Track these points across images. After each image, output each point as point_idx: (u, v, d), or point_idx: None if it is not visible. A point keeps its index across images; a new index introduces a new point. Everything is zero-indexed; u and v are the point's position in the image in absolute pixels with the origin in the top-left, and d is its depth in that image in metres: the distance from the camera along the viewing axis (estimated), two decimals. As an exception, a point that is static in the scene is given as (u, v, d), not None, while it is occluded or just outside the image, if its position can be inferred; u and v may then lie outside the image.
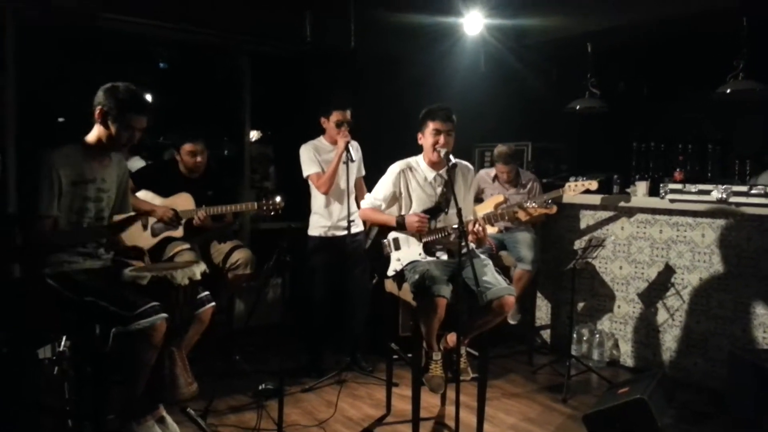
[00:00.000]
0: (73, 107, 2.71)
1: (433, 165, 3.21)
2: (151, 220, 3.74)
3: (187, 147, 3.83)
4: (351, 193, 3.87)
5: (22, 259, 2.68)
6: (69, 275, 2.55)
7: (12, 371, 3.12)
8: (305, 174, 3.92)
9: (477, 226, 3.02)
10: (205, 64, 5.64)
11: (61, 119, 4.99)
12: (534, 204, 3.12)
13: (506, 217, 3.19)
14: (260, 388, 3.52)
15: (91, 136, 2.65)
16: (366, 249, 3.30)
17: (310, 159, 3.90)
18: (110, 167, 2.74)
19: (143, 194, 3.78)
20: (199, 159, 3.85)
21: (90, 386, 2.68)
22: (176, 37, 4.63)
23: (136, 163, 5.06)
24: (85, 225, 2.65)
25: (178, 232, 3.75)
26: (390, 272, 3.19)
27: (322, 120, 3.93)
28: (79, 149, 2.63)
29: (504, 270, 4.10)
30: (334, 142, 3.87)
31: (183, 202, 3.77)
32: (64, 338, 3.13)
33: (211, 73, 5.60)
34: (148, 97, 6.59)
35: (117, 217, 2.81)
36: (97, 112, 2.59)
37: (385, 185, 3.27)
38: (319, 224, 3.96)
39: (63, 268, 2.58)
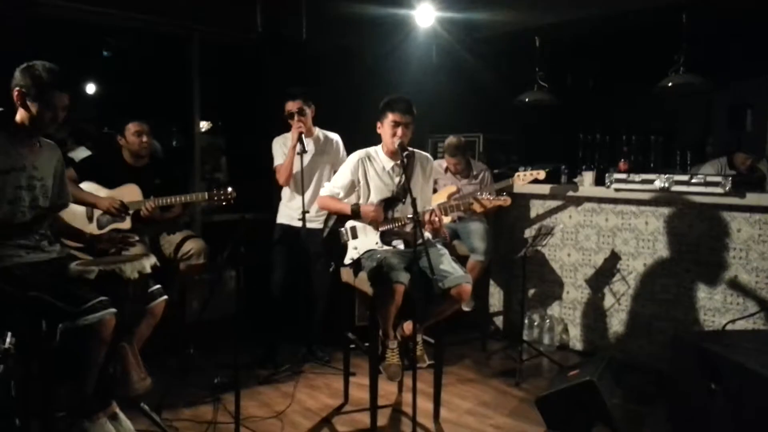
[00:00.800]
0: (9, 96, 2.58)
1: (392, 155, 3.23)
2: (97, 212, 3.63)
3: (132, 127, 3.71)
4: (304, 184, 3.85)
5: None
6: (10, 270, 2.45)
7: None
8: (274, 165, 3.94)
9: (433, 216, 3.06)
10: (154, 53, 5.49)
11: (1, 109, 4.78)
12: (489, 196, 3.18)
13: (461, 209, 3.24)
14: (215, 381, 3.48)
15: (17, 120, 2.53)
16: (323, 237, 3.30)
17: (279, 151, 3.94)
18: (41, 153, 2.63)
19: (87, 186, 3.66)
20: (144, 139, 3.73)
21: (37, 384, 2.59)
22: (123, 25, 4.48)
23: (82, 153, 4.89)
24: (19, 215, 2.54)
25: (126, 224, 3.64)
26: (347, 260, 3.20)
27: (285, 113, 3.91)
28: (5, 136, 2.51)
29: (458, 259, 4.15)
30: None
31: (129, 193, 3.67)
32: (8, 335, 3.01)
33: (159, 62, 5.46)
34: (90, 87, 6.43)
35: None
36: (15, 94, 2.48)
37: (343, 174, 3.27)
38: (281, 213, 4.02)
39: (4, 262, 2.47)
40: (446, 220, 3.20)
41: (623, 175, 4.13)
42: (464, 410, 3.39)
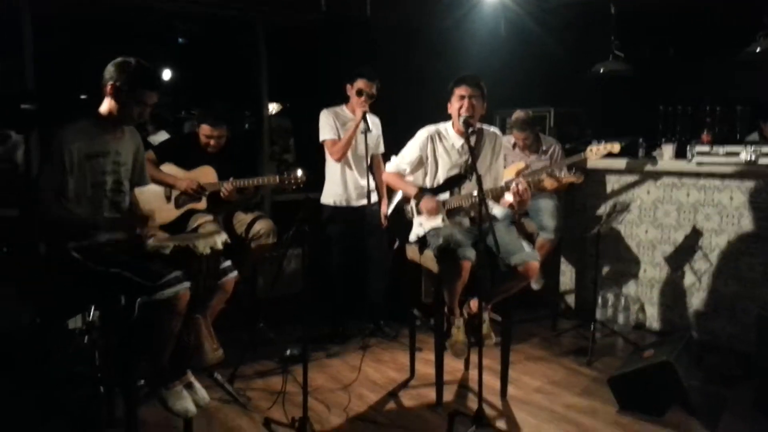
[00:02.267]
0: (93, 85, 2.71)
1: (461, 133, 3.18)
2: (175, 192, 3.78)
3: (205, 129, 3.82)
4: (367, 163, 3.86)
5: (42, 232, 2.71)
6: (93, 247, 2.59)
7: (44, 342, 3.21)
8: (321, 138, 3.93)
9: (519, 186, 2.94)
10: (222, 38, 5.62)
11: (83, 96, 5.03)
12: (561, 172, 3.07)
13: (532, 186, 3.13)
14: (286, 353, 3.57)
15: (103, 110, 2.65)
16: (388, 214, 3.30)
17: (329, 124, 3.90)
18: (123, 139, 2.75)
19: (166, 167, 3.81)
20: (213, 143, 3.82)
21: (118, 355, 2.75)
22: (192, 10, 4.61)
23: (162, 137, 5.10)
24: (103, 197, 2.67)
25: (201, 204, 3.78)
26: (412, 237, 3.19)
27: (347, 86, 3.91)
28: (92, 123, 2.64)
29: (527, 236, 4.06)
30: (355, 111, 3.85)
31: (205, 174, 3.79)
32: (92, 309, 3.21)
33: (228, 47, 5.59)
34: (166, 73, 6.66)
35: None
36: (108, 87, 2.59)
37: (411, 149, 3.25)
38: (332, 192, 3.99)
39: (88, 240, 2.61)
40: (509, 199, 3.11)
41: (706, 148, 3.90)
42: (533, 388, 3.33)
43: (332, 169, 4.00)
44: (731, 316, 3.85)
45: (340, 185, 3.96)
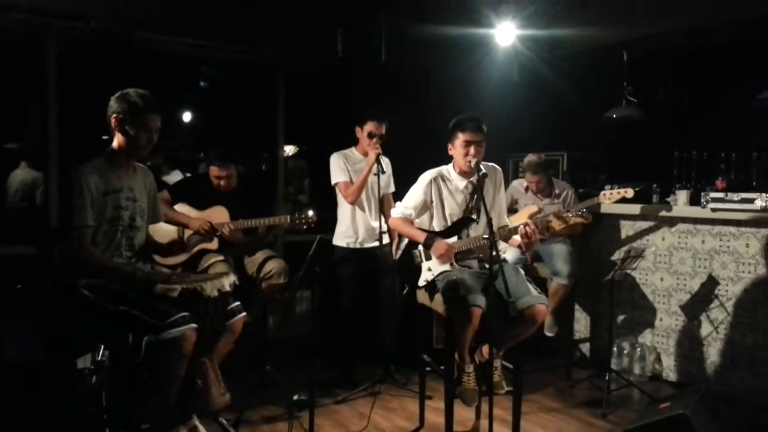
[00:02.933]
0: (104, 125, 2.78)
1: (464, 174, 3.19)
2: (187, 232, 3.81)
3: (214, 170, 3.88)
4: (377, 204, 3.87)
5: (59, 270, 2.74)
6: (103, 285, 2.60)
7: (52, 380, 3.20)
8: (333, 182, 3.96)
9: (528, 228, 2.94)
10: (242, 82, 5.75)
11: (106, 137, 5.15)
12: (570, 213, 3.05)
13: (539, 228, 3.11)
14: (294, 398, 3.52)
15: (114, 146, 2.72)
16: (396, 259, 3.28)
17: (340, 168, 3.93)
18: (136, 177, 2.81)
19: (179, 207, 3.85)
20: (223, 183, 3.87)
21: (125, 396, 2.73)
22: (216, 56, 4.73)
23: (176, 177, 5.18)
24: (118, 233, 2.70)
25: (213, 245, 3.80)
26: (421, 282, 3.17)
27: (357, 129, 3.96)
28: (104, 161, 2.71)
29: (539, 282, 4.02)
30: (365, 154, 3.89)
31: (218, 215, 3.82)
32: (102, 348, 3.20)
33: (247, 90, 5.71)
34: (187, 115, 6.81)
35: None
36: (113, 121, 2.66)
37: (416, 194, 3.26)
38: (345, 234, 3.99)
39: (98, 279, 2.63)
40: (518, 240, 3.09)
41: (721, 194, 3.86)
42: (545, 440, 3.24)
43: (344, 210, 4.01)
44: (749, 368, 3.75)
45: (352, 227, 3.97)
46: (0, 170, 4.89)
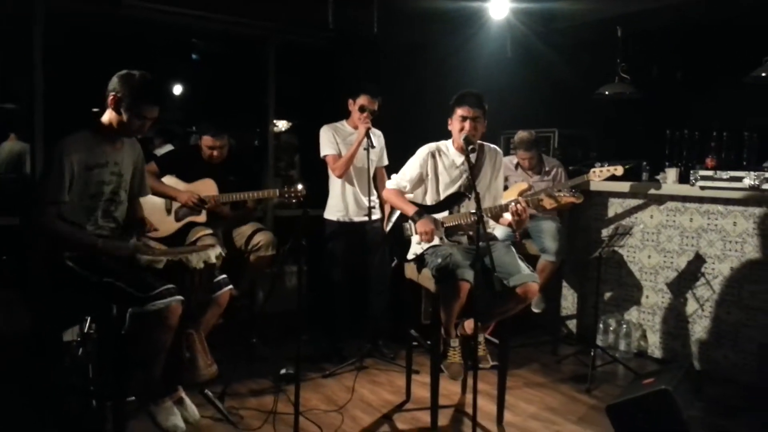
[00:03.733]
0: (103, 98, 2.73)
1: (462, 150, 3.17)
2: (175, 205, 3.78)
3: (207, 140, 3.84)
4: (371, 179, 3.85)
5: (39, 243, 2.72)
6: (88, 257, 2.59)
7: (39, 353, 3.21)
8: (322, 154, 3.94)
9: (519, 206, 2.95)
10: (234, 55, 5.68)
11: (95, 110, 5.10)
12: (562, 192, 3.04)
13: (531, 205, 3.11)
14: (281, 372, 3.54)
15: (104, 120, 2.67)
16: (387, 231, 3.28)
17: (328, 140, 3.92)
18: (122, 150, 2.77)
19: (167, 179, 3.83)
20: (215, 153, 3.84)
21: (110, 368, 2.73)
22: (204, 26, 4.66)
23: (168, 150, 5.13)
24: (100, 207, 2.68)
25: (201, 217, 3.79)
26: (410, 255, 3.17)
27: (349, 102, 3.92)
28: (92, 134, 2.66)
29: (529, 259, 4.02)
30: (356, 127, 3.86)
31: (206, 187, 3.80)
32: (88, 321, 3.20)
33: (239, 64, 5.64)
34: (178, 88, 6.73)
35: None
36: (110, 98, 2.61)
37: (412, 166, 3.24)
38: (335, 208, 3.98)
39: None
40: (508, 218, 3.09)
41: (710, 173, 3.86)
42: (529, 414, 3.28)
43: (335, 184, 4.00)
44: (734, 345, 3.79)
45: (342, 201, 3.96)
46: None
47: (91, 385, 2.98)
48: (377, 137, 3.98)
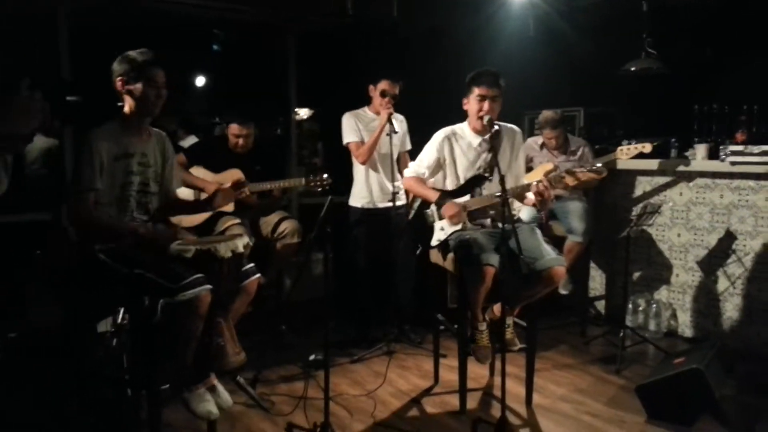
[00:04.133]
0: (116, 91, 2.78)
1: (478, 131, 3.15)
2: (204, 195, 3.83)
3: (234, 128, 3.90)
4: (395, 165, 3.85)
5: (73, 234, 2.79)
6: (119, 249, 2.64)
7: (74, 344, 3.29)
8: (345, 141, 3.95)
9: (541, 186, 2.92)
10: (254, 45, 5.69)
11: (120, 104, 5.17)
12: (582, 168, 3.01)
13: (553, 184, 3.07)
14: (310, 358, 3.59)
15: (126, 110, 2.71)
16: (409, 219, 3.28)
17: (351, 127, 3.92)
18: (150, 142, 2.81)
19: (195, 170, 3.88)
20: (241, 141, 3.90)
21: (145, 357, 2.79)
22: (224, 17, 4.68)
23: (192, 142, 5.20)
24: (131, 198, 2.73)
25: (229, 207, 3.83)
26: (434, 242, 3.17)
27: (370, 88, 3.92)
28: (118, 125, 2.71)
29: (555, 240, 4.00)
30: (377, 113, 3.86)
31: (233, 177, 3.83)
32: (122, 312, 3.28)
33: (259, 54, 5.66)
34: (200, 79, 6.78)
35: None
36: (118, 84, 2.66)
37: (429, 152, 3.23)
38: (360, 195, 3.99)
39: (110, 243, 2.66)
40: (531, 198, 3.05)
41: (740, 147, 3.78)
42: (558, 396, 3.27)
43: (359, 171, 4.01)
44: (766, 323, 3.72)
45: (366, 187, 3.97)
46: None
47: (126, 375, 3.05)
48: (399, 122, 3.97)
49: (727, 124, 4.50)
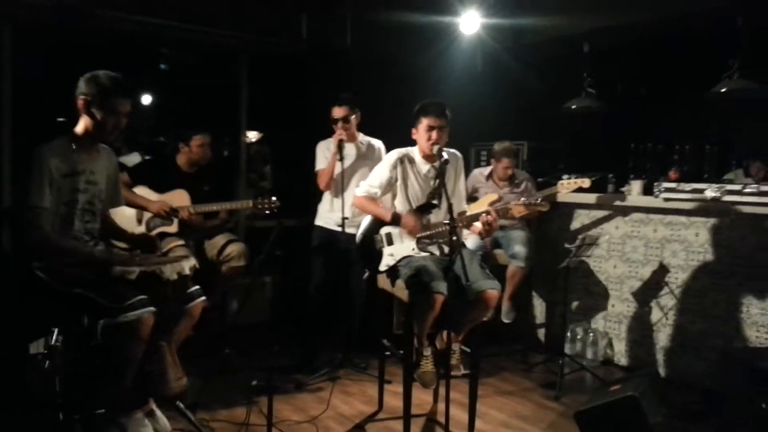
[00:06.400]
0: (71, 108, 2.70)
1: (428, 158, 3.22)
2: (146, 215, 3.75)
3: (198, 139, 3.88)
4: (346, 190, 3.87)
5: (13, 251, 2.68)
6: (58, 267, 2.55)
7: (3, 366, 3.13)
8: (316, 169, 3.98)
9: (490, 217, 3.01)
10: (204, 65, 5.65)
11: (61, 119, 5.02)
12: (528, 200, 3.14)
13: (500, 215, 3.17)
14: (253, 384, 3.51)
15: (79, 128, 2.64)
16: (357, 243, 3.30)
17: (320, 155, 3.98)
18: (99, 160, 2.74)
19: (139, 190, 3.80)
20: (208, 151, 3.91)
21: (79, 380, 2.69)
22: (176, 36, 4.63)
23: (134, 159, 5.08)
24: (75, 216, 2.65)
25: (173, 228, 3.77)
26: (382, 267, 3.19)
27: (330, 116, 3.95)
28: (68, 142, 2.63)
29: (499, 269, 4.10)
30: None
31: (178, 198, 3.79)
32: (56, 333, 3.14)
33: (209, 74, 5.61)
34: (146, 98, 6.67)
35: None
36: (80, 102, 2.59)
37: (381, 171, 3.27)
38: (322, 217, 4.00)
39: (53, 261, 2.58)
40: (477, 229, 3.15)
41: (673, 185, 3.99)
42: (500, 422, 3.32)
43: (324, 195, 4.03)
44: (697, 353, 3.90)
45: (328, 210, 3.98)
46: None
47: (59, 398, 2.92)
48: (376, 149, 4.00)
49: (661, 161, 4.76)
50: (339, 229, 3.78)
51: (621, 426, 2.99)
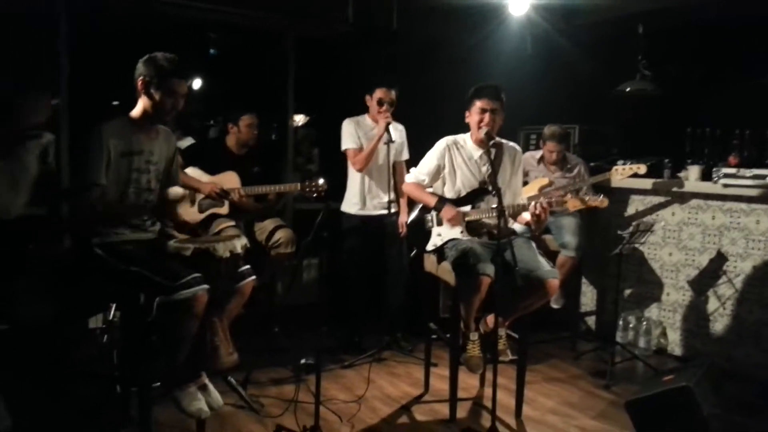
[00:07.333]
0: (126, 92, 2.77)
1: (480, 143, 3.18)
2: (199, 196, 3.83)
3: (246, 119, 3.95)
4: (390, 173, 3.86)
5: (71, 228, 2.76)
6: (116, 245, 2.63)
7: (64, 340, 3.26)
8: (343, 147, 3.96)
9: (539, 207, 2.95)
10: (252, 49, 5.70)
11: (115, 102, 5.14)
12: (585, 195, 3.07)
13: (555, 205, 3.10)
14: (301, 362, 3.57)
15: (137, 109, 2.70)
16: (408, 222, 3.30)
17: (350, 134, 3.93)
18: (157, 140, 2.80)
19: (191, 171, 3.88)
20: (255, 131, 3.98)
21: (136, 354, 2.77)
22: (224, 20, 4.67)
23: (188, 143, 5.19)
24: (131, 195, 2.71)
25: (224, 209, 3.83)
26: (429, 246, 3.18)
27: (366, 97, 3.94)
28: (127, 122, 2.70)
29: (548, 254, 4.02)
30: (376, 121, 3.87)
31: (229, 179, 3.85)
32: (113, 308, 3.25)
33: (257, 58, 5.66)
34: (197, 82, 6.79)
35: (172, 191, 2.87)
36: (139, 83, 2.64)
37: (430, 159, 3.26)
38: (353, 202, 3.99)
39: (111, 238, 2.65)
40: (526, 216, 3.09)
41: (733, 170, 3.84)
42: (548, 409, 3.28)
43: (353, 178, 4.02)
44: (755, 344, 3.76)
45: (360, 194, 3.97)
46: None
47: (116, 372, 3.03)
48: (399, 131, 3.99)
49: (720, 147, 4.58)
50: (375, 213, 3.79)
51: (674, 417, 2.92)
